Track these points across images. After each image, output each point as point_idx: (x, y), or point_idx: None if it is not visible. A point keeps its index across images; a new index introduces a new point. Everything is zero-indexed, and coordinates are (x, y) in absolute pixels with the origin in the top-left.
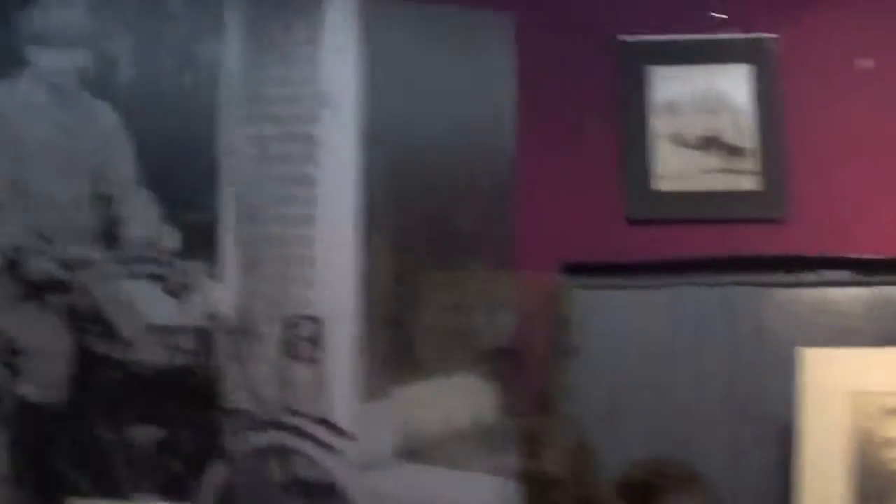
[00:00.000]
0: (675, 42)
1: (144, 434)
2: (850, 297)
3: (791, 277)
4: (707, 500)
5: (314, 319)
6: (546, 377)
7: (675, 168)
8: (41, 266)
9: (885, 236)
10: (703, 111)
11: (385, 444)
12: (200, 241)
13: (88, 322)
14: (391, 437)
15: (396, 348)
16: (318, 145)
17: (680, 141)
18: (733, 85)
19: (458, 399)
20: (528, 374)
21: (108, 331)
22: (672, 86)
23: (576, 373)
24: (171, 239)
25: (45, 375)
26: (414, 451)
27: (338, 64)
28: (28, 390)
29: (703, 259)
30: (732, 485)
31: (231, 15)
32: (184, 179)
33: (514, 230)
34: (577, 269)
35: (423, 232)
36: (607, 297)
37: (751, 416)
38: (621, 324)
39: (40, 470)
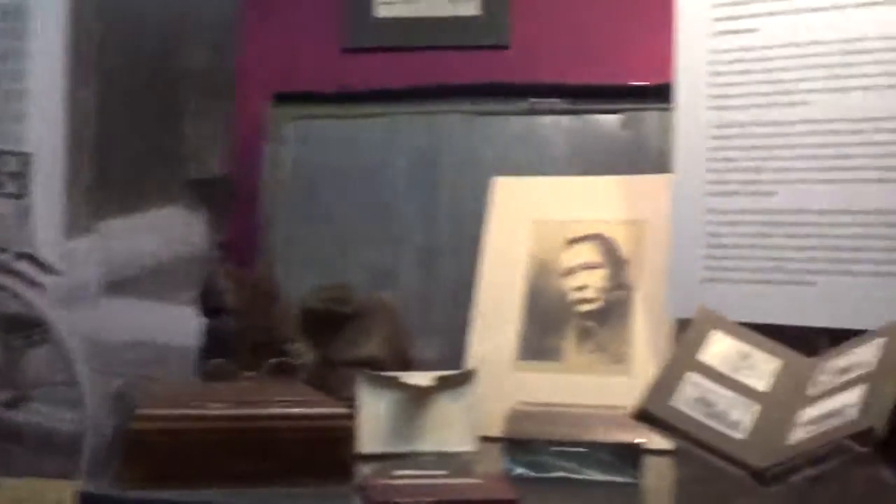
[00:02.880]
0: None
1: None
2: (558, 125)
3: (503, 106)
4: (391, 321)
5: (21, 154)
6: (256, 209)
7: None
8: None
9: (598, 65)
10: None
11: (91, 278)
12: None
13: None
14: (97, 272)
15: (103, 183)
16: None
17: None
18: None
19: (164, 232)
20: (239, 205)
21: None
22: None
23: (286, 203)
24: None
25: None
26: (120, 285)
27: None
28: None
29: (417, 87)
30: (425, 307)
31: None
32: None
33: (234, 63)
34: (291, 100)
35: (139, 67)
36: (322, 127)
37: (452, 242)
38: (336, 154)
39: None
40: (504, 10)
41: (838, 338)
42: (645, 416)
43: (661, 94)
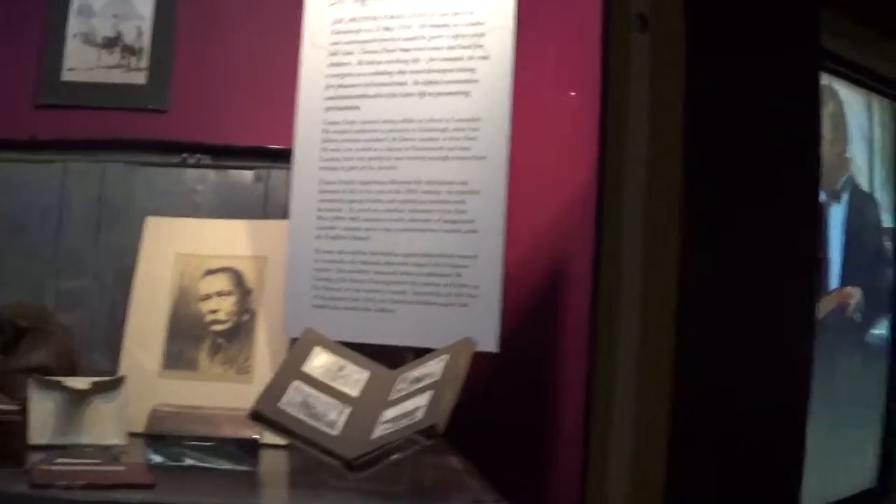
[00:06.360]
0: None
1: None
2: (204, 177)
3: (160, 159)
4: (60, 334)
5: None
6: None
7: (81, 62)
8: None
9: (238, 130)
10: (111, 16)
11: None
12: None
13: None
14: None
15: None
16: None
17: (89, 40)
18: None
19: None
20: None
21: None
22: None
23: None
24: None
25: None
26: None
27: None
28: None
29: (91, 140)
30: (93, 324)
31: None
32: None
33: None
34: None
35: None
36: (13, 169)
37: (114, 271)
38: (24, 194)
39: None
40: (167, 81)
41: (421, 353)
42: (258, 417)
43: (286, 155)
